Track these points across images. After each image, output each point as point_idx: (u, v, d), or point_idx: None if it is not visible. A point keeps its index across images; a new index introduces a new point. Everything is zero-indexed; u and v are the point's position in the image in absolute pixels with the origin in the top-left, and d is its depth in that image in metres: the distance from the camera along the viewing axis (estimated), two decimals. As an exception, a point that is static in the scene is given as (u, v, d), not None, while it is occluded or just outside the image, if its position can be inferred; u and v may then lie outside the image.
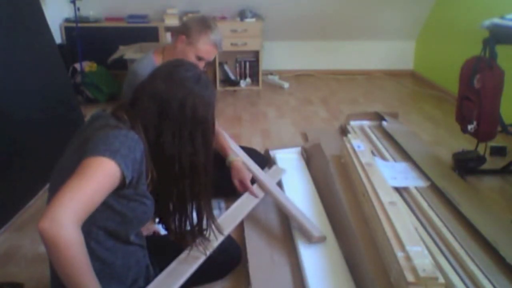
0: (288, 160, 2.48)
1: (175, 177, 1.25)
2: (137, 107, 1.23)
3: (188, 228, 1.36)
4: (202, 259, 1.48)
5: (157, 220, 1.43)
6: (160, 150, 1.21)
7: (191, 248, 1.40)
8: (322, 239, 1.77)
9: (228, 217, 1.84)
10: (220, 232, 1.45)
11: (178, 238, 1.39)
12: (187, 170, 1.25)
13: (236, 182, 2.06)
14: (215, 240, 1.50)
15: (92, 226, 1.15)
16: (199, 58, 1.94)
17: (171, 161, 1.23)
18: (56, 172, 1.25)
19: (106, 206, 1.13)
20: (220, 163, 2.14)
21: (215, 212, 2.08)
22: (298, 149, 2.68)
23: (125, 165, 1.08)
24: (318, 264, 1.66)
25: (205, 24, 1.94)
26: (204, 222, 1.36)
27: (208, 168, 1.30)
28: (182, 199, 1.29)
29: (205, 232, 1.38)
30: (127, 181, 1.10)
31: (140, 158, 1.14)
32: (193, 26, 1.93)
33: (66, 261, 0.98)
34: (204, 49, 1.92)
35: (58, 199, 0.97)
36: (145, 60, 1.99)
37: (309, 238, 1.77)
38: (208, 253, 1.44)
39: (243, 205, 1.95)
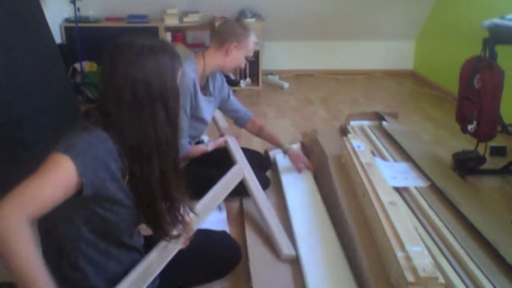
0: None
1: (145, 163, 1.14)
2: (104, 103, 1.15)
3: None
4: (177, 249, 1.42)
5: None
6: (128, 139, 1.12)
7: (169, 239, 1.29)
8: (290, 258, 1.75)
9: (210, 200, 1.80)
10: (193, 211, 1.35)
11: (159, 232, 1.28)
12: (154, 153, 1.15)
13: (297, 166, 2.37)
14: (195, 223, 1.45)
15: (80, 229, 1.14)
16: (247, 57, 2.11)
17: (138, 147, 1.13)
18: None
19: (89, 210, 1.11)
20: (219, 163, 2.15)
21: (216, 212, 2.08)
22: (298, 145, 2.69)
23: (81, 159, 1.03)
24: (318, 263, 1.66)
25: (246, 27, 2.08)
26: (179, 207, 1.27)
27: (175, 144, 1.21)
28: (149, 183, 1.17)
29: (180, 217, 1.28)
30: (83, 179, 1.03)
31: (104, 155, 1.08)
32: (239, 32, 2.04)
33: (6, 251, 0.93)
34: (252, 49, 2.11)
35: (7, 195, 0.96)
36: (188, 60, 2.00)
37: (278, 254, 1.76)
38: (183, 239, 1.37)
39: (223, 187, 1.93)
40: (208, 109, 2.15)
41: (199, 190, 2.09)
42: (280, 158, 2.53)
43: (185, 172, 1.26)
